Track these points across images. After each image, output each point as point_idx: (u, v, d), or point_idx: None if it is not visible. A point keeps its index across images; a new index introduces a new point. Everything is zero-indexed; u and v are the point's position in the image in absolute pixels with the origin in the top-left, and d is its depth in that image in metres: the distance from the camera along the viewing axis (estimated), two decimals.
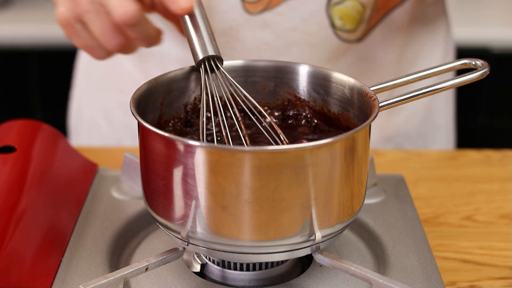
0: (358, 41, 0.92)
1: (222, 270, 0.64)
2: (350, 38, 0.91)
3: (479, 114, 1.83)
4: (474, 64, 0.67)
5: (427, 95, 0.64)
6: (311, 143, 0.56)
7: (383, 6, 0.91)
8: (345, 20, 0.89)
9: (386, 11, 0.92)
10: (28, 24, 1.80)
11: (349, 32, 0.90)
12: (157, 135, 0.57)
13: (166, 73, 0.67)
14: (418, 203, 0.81)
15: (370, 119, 0.59)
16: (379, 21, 0.92)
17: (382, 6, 0.91)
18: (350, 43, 0.91)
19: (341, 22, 0.88)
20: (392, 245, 0.69)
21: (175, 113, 0.68)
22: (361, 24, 0.90)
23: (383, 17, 0.92)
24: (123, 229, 0.71)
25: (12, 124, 0.78)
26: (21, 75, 1.82)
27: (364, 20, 0.90)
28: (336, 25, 0.88)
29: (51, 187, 0.72)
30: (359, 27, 0.90)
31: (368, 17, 0.89)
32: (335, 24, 0.88)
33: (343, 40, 0.91)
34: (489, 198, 0.85)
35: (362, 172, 0.61)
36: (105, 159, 0.86)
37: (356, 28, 0.90)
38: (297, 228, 0.58)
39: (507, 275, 0.71)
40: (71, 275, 0.64)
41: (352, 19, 0.89)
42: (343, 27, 0.89)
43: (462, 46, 1.66)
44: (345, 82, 0.66)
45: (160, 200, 0.60)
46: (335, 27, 0.89)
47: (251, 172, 0.55)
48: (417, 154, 0.97)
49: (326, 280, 0.64)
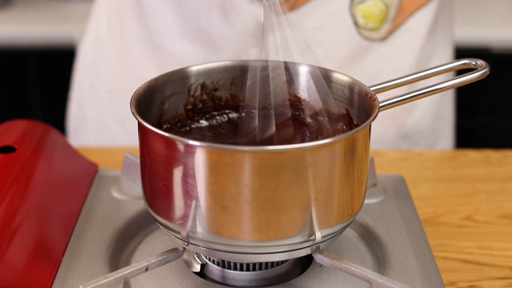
0: (382, 41, 0.92)
1: (222, 270, 0.64)
2: (373, 37, 0.92)
3: (479, 114, 1.83)
4: (474, 64, 0.67)
5: (427, 95, 0.64)
6: (311, 143, 0.55)
7: (408, 6, 0.92)
8: (368, 18, 0.89)
9: (411, 11, 0.93)
10: (28, 24, 1.80)
11: (373, 31, 0.91)
12: (157, 135, 0.57)
13: (166, 73, 0.67)
14: (418, 203, 0.81)
15: (370, 119, 0.59)
16: (404, 21, 0.92)
17: (408, 7, 0.92)
18: (374, 42, 0.92)
19: (364, 21, 0.89)
20: (392, 245, 0.69)
21: (175, 113, 0.68)
22: (385, 23, 0.91)
23: (408, 17, 0.93)
24: (123, 229, 0.71)
25: (12, 124, 0.78)
26: (21, 75, 1.82)
27: (388, 20, 0.90)
28: (359, 24, 0.89)
29: (51, 187, 0.72)
30: (383, 26, 0.91)
31: (393, 16, 0.90)
32: (358, 22, 0.89)
33: (367, 38, 0.91)
34: (489, 198, 0.85)
35: (362, 172, 0.61)
36: (105, 159, 0.86)
37: (379, 27, 0.91)
38: (297, 228, 0.58)
39: (507, 275, 0.71)
40: (71, 275, 0.64)
41: (375, 17, 0.90)
42: (366, 25, 0.89)
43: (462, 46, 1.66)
44: (345, 82, 0.66)
45: (160, 200, 0.60)
46: (358, 25, 0.89)
47: (251, 172, 0.55)
48: (417, 154, 0.97)
49: (326, 280, 0.64)
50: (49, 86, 1.82)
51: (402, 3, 0.91)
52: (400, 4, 0.90)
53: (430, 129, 1.05)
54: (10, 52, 1.78)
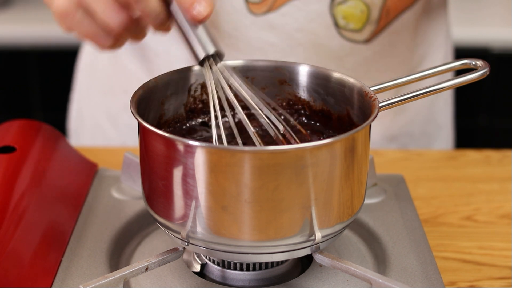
0: (366, 42, 0.92)
1: (222, 270, 0.64)
2: (356, 39, 0.91)
3: (479, 114, 1.83)
4: (474, 64, 0.67)
5: (428, 95, 0.64)
6: (311, 143, 0.56)
7: (394, 8, 0.91)
8: (348, 19, 0.89)
9: (396, 13, 0.92)
10: (28, 24, 1.80)
11: (355, 32, 0.90)
12: (157, 135, 0.57)
13: (166, 73, 0.67)
14: (418, 203, 0.81)
15: (370, 119, 0.59)
16: (389, 23, 0.92)
17: (393, 9, 0.91)
18: (357, 43, 0.91)
19: (344, 21, 0.88)
20: (392, 245, 0.69)
21: (175, 113, 0.68)
22: (368, 24, 0.90)
23: (393, 19, 0.92)
24: (123, 229, 0.71)
25: (12, 124, 0.78)
26: (21, 75, 1.82)
27: (371, 21, 0.90)
28: (339, 25, 0.89)
29: (51, 187, 0.72)
30: (365, 27, 0.90)
31: (377, 18, 0.89)
32: (339, 23, 0.88)
33: (348, 40, 0.91)
34: (489, 198, 0.85)
35: (362, 172, 0.61)
36: (105, 159, 0.86)
37: (362, 28, 0.90)
38: (297, 228, 0.58)
39: (507, 275, 0.71)
40: (71, 275, 0.64)
41: (356, 18, 0.89)
42: (347, 26, 0.89)
43: (462, 46, 1.66)
44: (345, 82, 0.66)
45: (160, 200, 0.60)
46: (339, 26, 0.89)
47: (251, 172, 0.55)
48: (417, 154, 0.97)
49: (326, 280, 0.64)
50: (49, 86, 1.82)
51: (387, 4, 0.90)
52: (384, 5, 0.90)
53: (421, 132, 1.04)
54: (10, 52, 1.78)
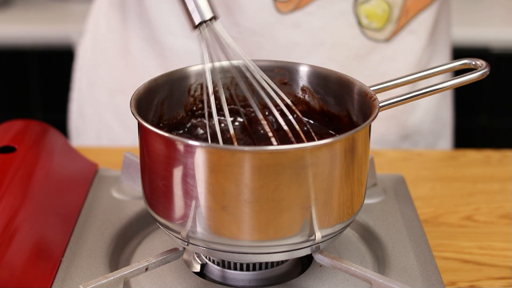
0: (386, 41, 0.93)
1: (222, 270, 0.64)
2: (377, 38, 0.92)
3: (479, 114, 1.83)
4: (474, 64, 0.67)
5: (428, 95, 0.64)
6: (311, 143, 0.56)
7: (413, 7, 0.92)
8: (371, 18, 0.90)
9: (415, 12, 0.93)
10: (28, 24, 1.80)
11: (376, 31, 0.91)
12: (157, 135, 0.57)
13: (166, 73, 0.67)
14: (418, 203, 0.81)
15: (370, 119, 0.59)
16: (408, 22, 0.93)
17: (412, 7, 0.92)
18: (378, 42, 0.92)
19: (367, 21, 0.89)
20: (392, 245, 0.69)
21: (175, 113, 0.68)
22: (389, 23, 0.91)
23: (412, 18, 0.93)
24: (123, 229, 0.71)
25: (12, 124, 0.78)
26: (21, 75, 1.82)
27: (392, 20, 0.91)
28: (362, 24, 0.89)
29: (51, 187, 0.72)
30: (386, 26, 0.91)
31: (397, 17, 0.90)
32: (362, 22, 0.89)
33: (371, 39, 0.92)
34: (489, 198, 0.85)
35: (362, 172, 0.61)
36: (105, 159, 0.86)
37: (383, 27, 0.91)
38: (297, 228, 0.58)
39: (507, 275, 0.71)
40: (71, 275, 0.64)
41: (378, 17, 0.90)
42: (370, 25, 0.90)
43: (462, 46, 1.66)
44: (345, 82, 0.66)
45: (160, 200, 0.60)
46: (362, 25, 0.90)
47: (251, 172, 0.55)
48: (417, 154, 0.97)
49: (326, 280, 0.64)
50: (49, 86, 1.82)
51: (407, 4, 0.91)
52: (404, 4, 0.91)
53: (430, 129, 1.05)
54: (10, 52, 1.78)
